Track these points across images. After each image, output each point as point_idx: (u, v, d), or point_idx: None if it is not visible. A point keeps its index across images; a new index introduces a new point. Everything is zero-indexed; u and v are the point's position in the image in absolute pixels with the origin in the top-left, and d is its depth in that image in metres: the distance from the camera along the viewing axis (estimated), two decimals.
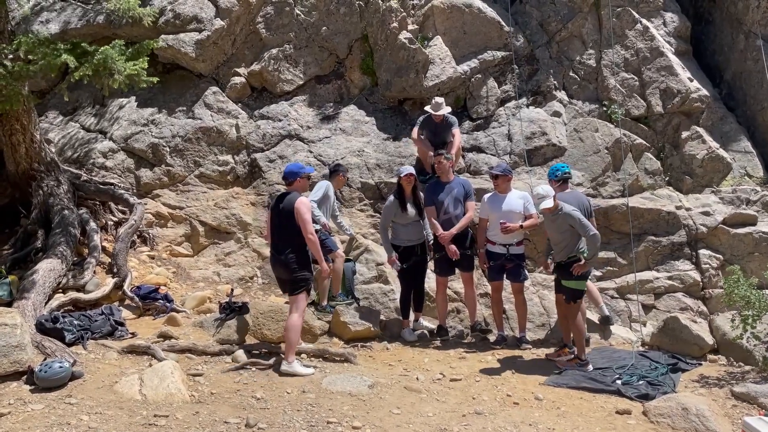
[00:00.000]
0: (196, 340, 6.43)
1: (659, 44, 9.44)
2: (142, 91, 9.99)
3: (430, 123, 8.61)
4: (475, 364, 6.45)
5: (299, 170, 6.21)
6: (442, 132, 8.59)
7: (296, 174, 6.18)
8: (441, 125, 8.55)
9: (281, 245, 6.04)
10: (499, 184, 7.16)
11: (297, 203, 5.98)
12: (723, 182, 8.84)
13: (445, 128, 8.58)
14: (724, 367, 6.43)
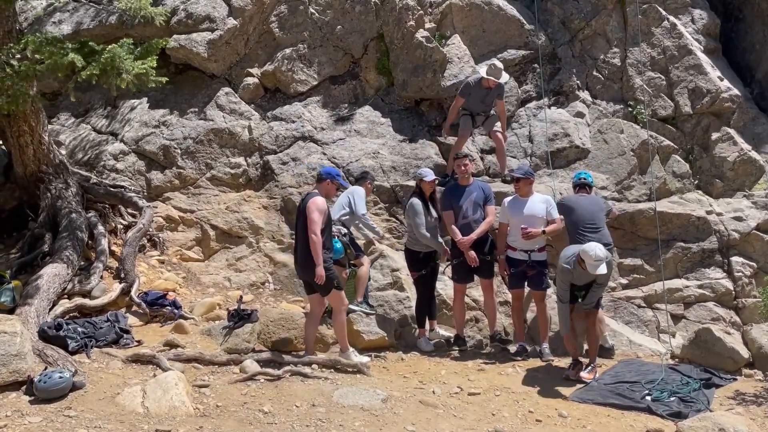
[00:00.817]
0: (203, 348, 6.19)
1: (687, 42, 9.05)
2: (154, 92, 9.84)
3: (478, 88, 8.17)
4: (494, 376, 6.13)
5: (335, 174, 6.25)
6: (490, 99, 8.19)
7: (329, 175, 6.21)
8: (492, 91, 8.12)
9: (299, 245, 6.09)
10: (521, 187, 6.84)
11: (310, 202, 5.93)
12: (756, 186, 8.41)
13: (492, 96, 8.19)
14: (761, 382, 6.04)
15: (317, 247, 5.85)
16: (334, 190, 6.31)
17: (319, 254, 5.85)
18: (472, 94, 8.20)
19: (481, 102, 8.20)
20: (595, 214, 6.78)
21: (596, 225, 6.68)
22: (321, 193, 6.13)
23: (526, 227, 6.64)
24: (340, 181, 6.32)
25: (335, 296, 6.14)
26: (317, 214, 5.88)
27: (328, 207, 6.13)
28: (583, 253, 5.82)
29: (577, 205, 6.85)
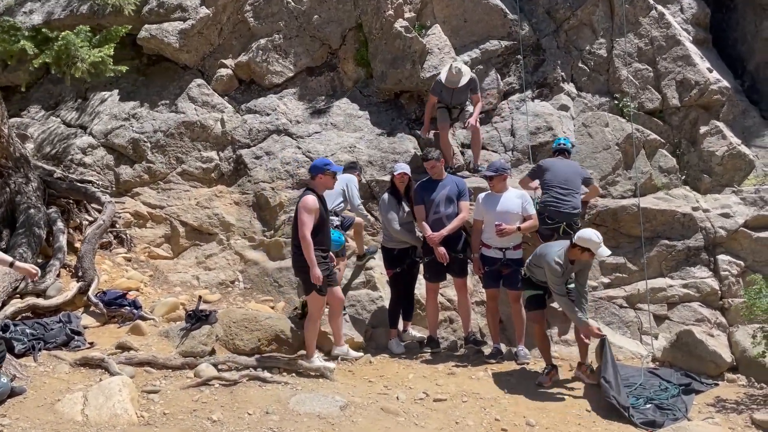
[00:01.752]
0: (158, 351, 5.89)
1: (676, 32, 8.71)
2: (125, 83, 9.58)
3: (448, 86, 7.97)
4: (464, 381, 5.83)
5: (323, 166, 5.99)
6: (460, 95, 8.02)
7: (318, 169, 5.97)
8: (461, 87, 7.94)
9: (292, 242, 6.02)
10: (495, 184, 6.53)
11: (300, 202, 5.85)
12: (745, 181, 8.09)
13: (464, 91, 8.01)
14: (744, 388, 5.73)
15: (309, 249, 5.68)
16: (331, 180, 6.04)
17: (312, 256, 5.68)
18: (443, 92, 7.99)
19: (453, 98, 8.00)
20: (570, 177, 6.80)
21: (569, 188, 6.70)
22: (319, 189, 5.95)
23: (500, 224, 6.34)
24: (333, 169, 6.03)
25: (313, 299, 5.96)
26: (306, 215, 5.74)
27: (320, 205, 5.88)
28: (585, 241, 5.49)
29: (552, 166, 6.91)
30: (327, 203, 6.24)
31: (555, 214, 6.66)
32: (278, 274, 7.77)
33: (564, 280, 5.66)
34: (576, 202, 6.73)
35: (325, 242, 5.95)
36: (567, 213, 6.64)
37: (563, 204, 6.67)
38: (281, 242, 7.96)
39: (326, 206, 6.09)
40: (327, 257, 5.98)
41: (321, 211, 5.88)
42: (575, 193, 6.76)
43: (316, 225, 5.80)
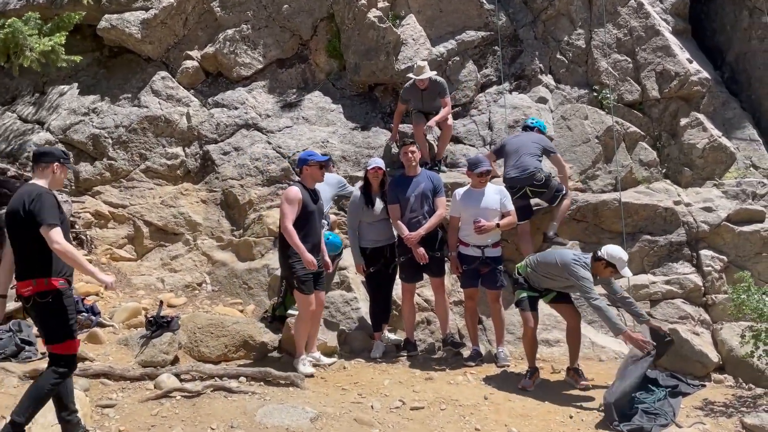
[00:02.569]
0: (115, 361, 5.52)
1: (655, 22, 8.51)
2: (85, 77, 9.15)
3: (414, 92, 7.76)
4: (442, 386, 5.54)
5: (307, 158, 5.88)
6: (430, 101, 7.75)
7: (303, 161, 5.87)
8: (428, 93, 7.69)
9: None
10: (483, 181, 6.23)
11: (282, 194, 5.79)
12: (726, 174, 7.91)
13: (433, 96, 7.74)
14: (732, 389, 5.53)
15: (293, 237, 5.52)
16: (318, 171, 5.85)
17: (298, 242, 5.51)
18: (411, 100, 7.78)
19: (423, 105, 7.77)
20: (522, 144, 6.93)
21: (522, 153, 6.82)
22: (307, 182, 5.83)
23: (479, 220, 6.06)
24: (317, 159, 5.85)
25: (299, 298, 5.80)
26: (286, 206, 5.61)
27: (305, 195, 5.68)
28: (612, 257, 5.25)
29: (510, 140, 7.15)
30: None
31: (512, 182, 6.77)
32: (248, 276, 7.42)
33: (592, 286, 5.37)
34: (530, 163, 6.77)
35: (309, 237, 5.68)
36: (523, 177, 6.74)
37: (517, 168, 6.80)
38: (251, 242, 7.61)
39: (317, 200, 5.85)
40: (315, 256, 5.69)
41: (306, 203, 5.67)
42: (529, 155, 6.83)
43: (299, 218, 5.61)
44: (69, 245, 3.87)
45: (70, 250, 3.84)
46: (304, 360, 5.78)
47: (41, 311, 3.95)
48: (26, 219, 3.86)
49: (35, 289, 3.89)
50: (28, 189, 3.98)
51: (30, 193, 3.92)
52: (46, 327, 4.00)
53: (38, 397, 3.96)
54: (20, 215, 3.88)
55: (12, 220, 3.95)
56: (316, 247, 5.83)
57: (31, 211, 3.84)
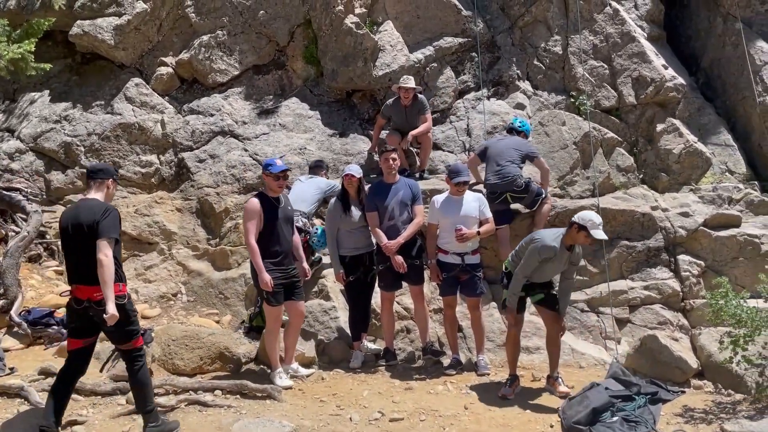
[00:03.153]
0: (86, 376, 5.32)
1: (630, 29, 8.57)
2: (57, 83, 8.97)
3: (398, 108, 7.71)
4: (422, 396, 5.47)
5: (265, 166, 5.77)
6: (412, 118, 7.70)
7: (263, 168, 5.78)
8: (411, 108, 7.66)
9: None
10: (461, 190, 6.17)
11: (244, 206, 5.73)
12: (702, 179, 7.98)
13: (415, 113, 7.71)
14: (711, 395, 5.53)
15: (254, 255, 5.49)
16: (273, 181, 5.66)
17: (258, 261, 5.46)
18: (393, 116, 7.75)
19: (405, 121, 7.71)
20: (504, 150, 6.92)
21: (504, 159, 6.82)
22: (267, 191, 5.72)
23: (461, 228, 6.01)
24: (272, 170, 5.65)
25: (266, 310, 5.78)
26: (247, 221, 5.53)
27: (266, 205, 5.58)
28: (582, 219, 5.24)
29: (492, 144, 7.11)
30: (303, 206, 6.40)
31: (492, 187, 6.83)
32: (224, 286, 7.29)
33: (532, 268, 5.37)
34: (510, 170, 6.80)
35: (277, 246, 5.58)
36: (503, 183, 6.78)
37: (497, 175, 6.82)
38: (227, 251, 7.49)
39: (282, 208, 5.71)
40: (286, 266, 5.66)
41: (267, 213, 5.55)
42: (511, 164, 6.85)
43: (264, 229, 5.53)
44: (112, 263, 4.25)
45: (109, 267, 4.22)
46: (280, 373, 5.67)
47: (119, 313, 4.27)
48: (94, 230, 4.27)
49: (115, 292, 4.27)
50: (97, 204, 4.40)
51: (101, 207, 4.36)
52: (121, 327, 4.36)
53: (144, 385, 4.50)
54: (93, 227, 4.26)
55: (79, 231, 4.31)
56: (288, 255, 5.72)
57: (98, 222, 4.27)
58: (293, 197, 6.68)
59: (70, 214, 4.45)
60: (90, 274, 4.26)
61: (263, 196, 5.67)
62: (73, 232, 4.35)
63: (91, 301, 4.33)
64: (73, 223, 4.36)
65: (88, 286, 4.32)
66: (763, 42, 8.37)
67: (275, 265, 5.58)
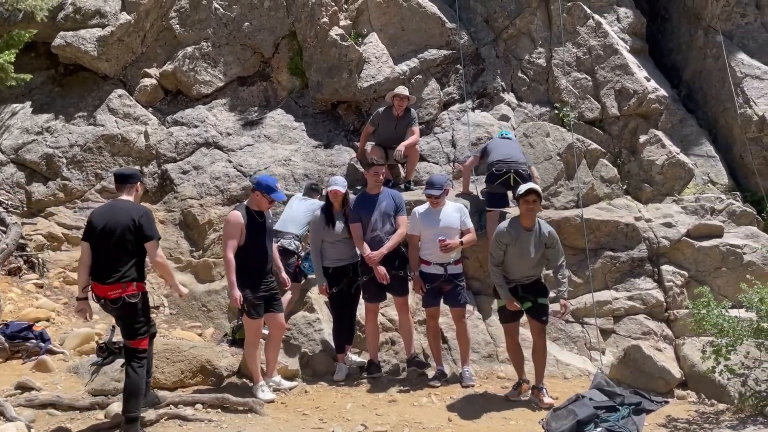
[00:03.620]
0: (64, 390, 5.27)
1: (613, 41, 8.66)
2: (39, 95, 8.90)
3: (388, 116, 7.66)
4: (406, 409, 5.42)
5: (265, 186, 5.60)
6: (402, 127, 7.68)
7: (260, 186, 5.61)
8: (401, 119, 7.65)
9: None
10: (440, 202, 6.17)
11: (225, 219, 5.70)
12: (685, 190, 8.04)
13: (405, 126, 7.69)
14: (695, 405, 5.53)
15: (229, 270, 5.42)
16: (266, 204, 5.63)
17: (231, 277, 5.39)
18: (381, 125, 7.69)
19: (393, 131, 7.66)
20: (509, 144, 7.12)
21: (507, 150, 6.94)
22: (252, 205, 5.60)
23: (444, 239, 5.99)
24: (273, 196, 5.59)
25: (246, 323, 5.71)
26: (228, 234, 5.47)
27: (249, 218, 5.51)
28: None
29: (496, 144, 7.18)
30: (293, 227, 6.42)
31: (498, 165, 6.81)
32: (207, 298, 7.22)
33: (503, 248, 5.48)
34: (516, 154, 6.95)
35: (257, 260, 5.54)
36: (510, 162, 6.82)
37: (503, 155, 6.91)
38: (210, 263, 7.43)
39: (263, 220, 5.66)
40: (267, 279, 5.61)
41: (250, 226, 5.50)
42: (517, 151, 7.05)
43: (245, 242, 5.47)
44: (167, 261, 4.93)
45: (167, 265, 4.93)
46: (262, 386, 5.61)
47: (130, 310, 4.67)
48: (134, 232, 4.61)
49: (124, 291, 4.62)
50: (132, 206, 4.78)
51: (137, 209, 4.75)
52: (130, 324, 4.72)
53: (136, 389, 4.66)
54: (130, 228, 4.60)
55: (113, 230, 4.61)
56: (269, 268, 5.70)
57: (141, 225, 4.61)
58: (285, 218, 6.66)
59: (104, 215, 4.73)
60: (109, 273, 4.59)
61: (247, 209, 5.60)
62: (107, 232, 4.62)
63: (107, 300, 4.64)
64: (108, 222, 4.64)
65: (104, 285, 4.61)
66: (743, 54, 8.48)
67: (257, 278, 5.54)
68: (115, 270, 4.59)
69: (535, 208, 5.51)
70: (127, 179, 4.91)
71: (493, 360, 6.59)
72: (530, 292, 5.61)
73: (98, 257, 4.66)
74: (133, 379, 4.63)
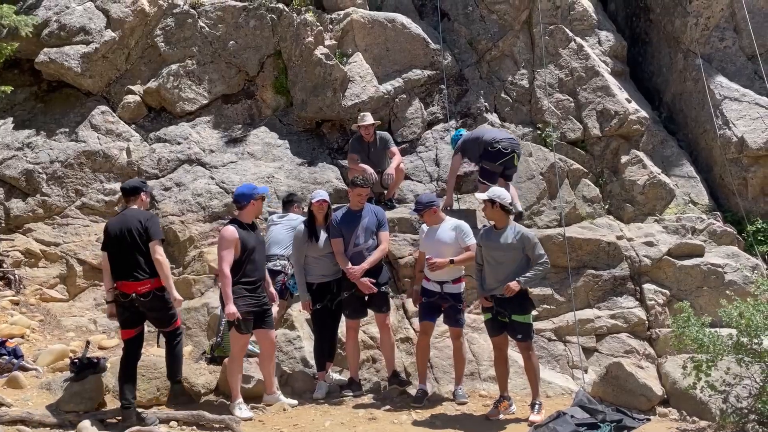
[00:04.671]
0: (36, 407, 5.14)
1: (594, 63, 8.79)
2: (21, 111, 8.85)
3: (361, 145, 7.69)
4: (386, 426, 5.34)
5: (251, 192, 5.74)
6: (376, 155, 7.71)
7: (247, 197, 5.70)
8: (374, 145, 7.67)
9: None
10: (427, 219, 6.16)
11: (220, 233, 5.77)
12: (666, 210, 8.11)
13: (380, 150, 7.72)
14: (676, 422, 5.49)
15: (225, 284, 5.46)
16: (259, 203, 5.80)
17: (228, 291, 5.43)
18: (360, 152, 7.67)
19: (368, 158, 7.66)
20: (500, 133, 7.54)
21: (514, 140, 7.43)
22: (244, 218, 5.70)
23: (431, 258, 5.94)
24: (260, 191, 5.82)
25: (233, 337, 5.66)
26: (224, 249, 5.49)
27: (242, 233, 5.55)
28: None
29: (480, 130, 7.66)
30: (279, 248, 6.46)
31: (504, 142, 7.14)
32: (186, 315, 7.08)
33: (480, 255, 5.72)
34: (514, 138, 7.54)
35: (252, 274, 5.58)
36: (516, 143, 7.36)
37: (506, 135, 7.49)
38: (190, 280, 7.34)
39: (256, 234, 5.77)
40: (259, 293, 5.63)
41: (244, 241, 5.53)
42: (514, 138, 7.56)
43: (240, 257, 5.51)
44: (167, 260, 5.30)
45: (165, 264, 5.25)
46: (240, 404, 5.50)
47: (157, 302, 5.32)
48: (142, 233, 5.21)
49: (154, 285, 5.25)
50: (140, 212, 5.44)
51: (144, 215, 5.40)
52: (160, 314, 5.43)
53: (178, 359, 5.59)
54: (139, 230, 5.22)
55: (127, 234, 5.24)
56: (262, 282, 5.71)
57: (147, 227, 5.23)
58: (269, 242, 6.61)
59: (117, 223, 5.41)
60: (133, 272, 5.20)
61: (239, 223, 5.65)
62: (121, 237, 5.25)
63: (138, 294, 5.20)
64: (121, 228, 5.28)
65: (132, 282, 5.21)
66: (722, 77, 8.64)
67: (249, 292, 5.56)
68: (141, 267, 5.20)
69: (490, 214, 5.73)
70: (132, 191, 5.51)
71: (475, 378, 6.52)
72: (506, 307, 5.56)
73: (120, 260, 5.26)
74: (175, 352, 5.53)
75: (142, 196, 5.53)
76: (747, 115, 8.34)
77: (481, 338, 6.75)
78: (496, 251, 5.58)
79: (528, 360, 5.66)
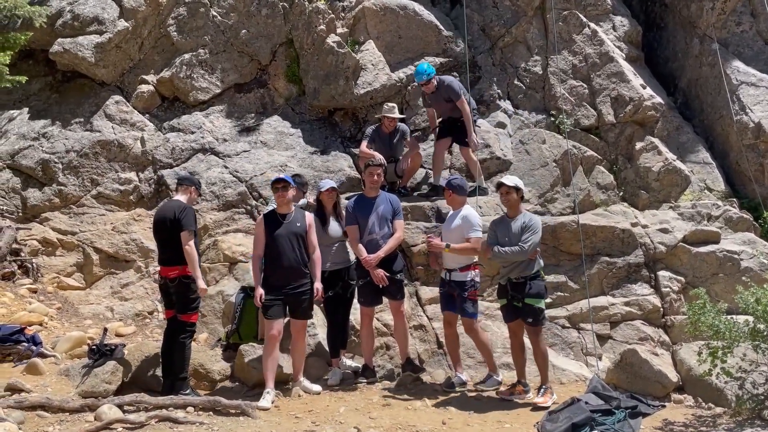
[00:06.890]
0: (54, 392, 5.21)
1: (609, 49, 8.69)
2: (37, 101, 8.90)
3: (380, 134, 7.67)
4: (400, 412, 5.36)
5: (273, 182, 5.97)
6: (393, 144, 7.71)
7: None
8: (392, 135, 7.67)
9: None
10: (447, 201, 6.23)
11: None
12: (681, 197, 8.03)
13: (398, 139, 7.73)
14: (692, 409, 5.47)
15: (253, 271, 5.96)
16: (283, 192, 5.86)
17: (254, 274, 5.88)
18: (377, 141, 7.66)
19: (388, 148, 7.65)
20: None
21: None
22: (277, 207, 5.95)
23: (430, 237, 6.02)
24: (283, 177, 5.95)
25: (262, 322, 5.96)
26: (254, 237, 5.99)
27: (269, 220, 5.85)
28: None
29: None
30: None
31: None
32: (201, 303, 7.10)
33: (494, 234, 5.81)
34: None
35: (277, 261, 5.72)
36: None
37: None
38: (205, 268, 7.36)
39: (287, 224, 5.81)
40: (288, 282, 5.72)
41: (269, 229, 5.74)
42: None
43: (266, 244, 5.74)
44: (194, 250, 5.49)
45: (193, 254, 5.47)
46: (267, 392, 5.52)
47: (184, 288, 5.56)
48: (175, 223, 5.47)
49: (181, 272, 5.52)
50: (177, 203, 5.68)
51: (179, 206, 5.62)
52: (184, 300, 5.60)
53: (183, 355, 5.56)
54: (172, 220, 5.50)
55: (163, 223, 5.59)
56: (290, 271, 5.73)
57: (179, 218, 5.48)
58: None
59: (159, 211, 5.83)
60: (167, 258, 5.57)
61: (271, 212, 5.92)
62: (160, 225, 5.62)
63: (166, 278, 5.58)
64: (160, 217, 5.68)
65: (165, 266, 5.58)
66: (739, 62, 8.52)
67: (275, 280, 5.68)
68: (174, 254, 5.49)
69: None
70: (181, 182, 5.92)
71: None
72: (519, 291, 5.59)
73: (160, 245, 5.72)
74: (186, 346, 5.54)
75: (191, 190, 5.81)
76: (764, 100, 8.23)
77: (495, 325, 6.77)
78: (505, 239, 5.66)
79: (537, 345, 5.68)
